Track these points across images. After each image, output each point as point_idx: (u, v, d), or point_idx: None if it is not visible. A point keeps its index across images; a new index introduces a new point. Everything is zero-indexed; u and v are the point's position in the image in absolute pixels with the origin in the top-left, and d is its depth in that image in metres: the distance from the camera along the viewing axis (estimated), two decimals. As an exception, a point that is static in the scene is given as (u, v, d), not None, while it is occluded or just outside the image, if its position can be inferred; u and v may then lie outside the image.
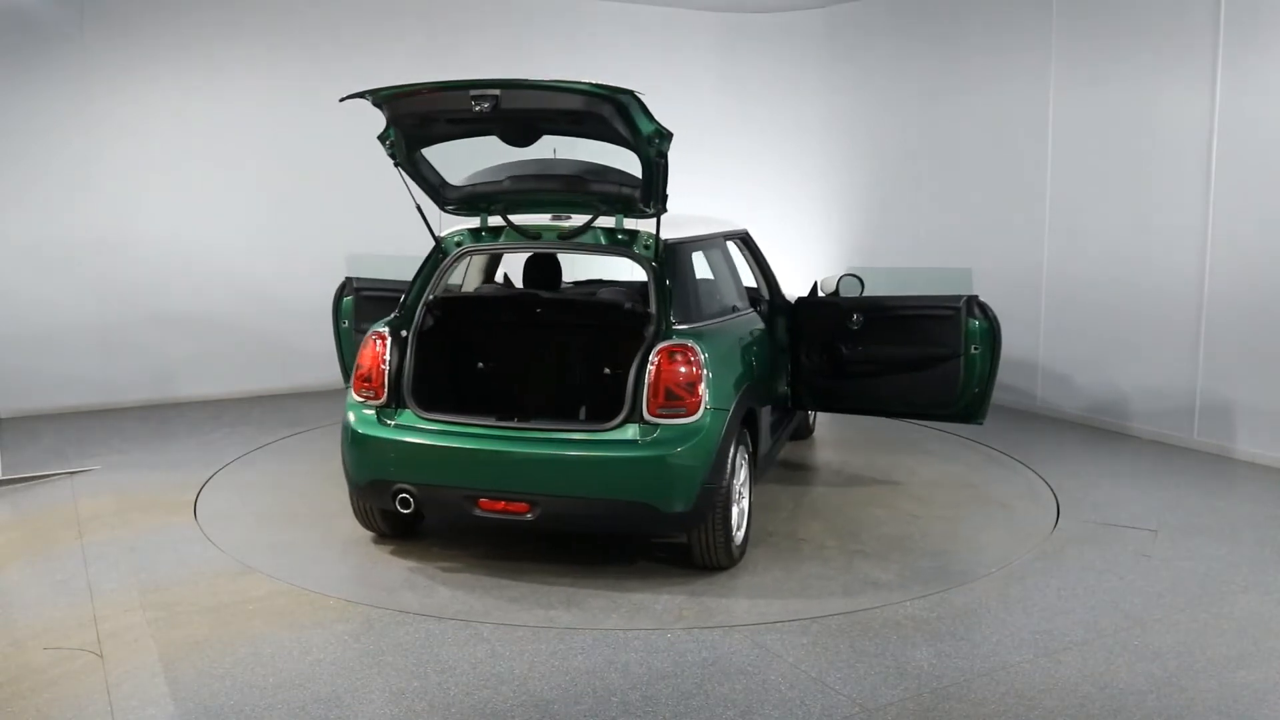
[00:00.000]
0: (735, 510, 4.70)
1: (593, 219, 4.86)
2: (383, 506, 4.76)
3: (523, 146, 4.74)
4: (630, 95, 4.12)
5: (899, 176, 9.22)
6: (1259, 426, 6.54)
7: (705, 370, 4.46)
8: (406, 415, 4.69)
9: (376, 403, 4.74)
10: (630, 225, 4.86)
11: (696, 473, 4.39)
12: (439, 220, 5.20)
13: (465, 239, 5.11)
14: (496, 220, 5.06)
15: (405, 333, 4.89)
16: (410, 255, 5.47)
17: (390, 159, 4.84)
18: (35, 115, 7.55)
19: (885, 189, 9.38)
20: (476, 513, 4.51)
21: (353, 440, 4.72)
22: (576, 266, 7.35)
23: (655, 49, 9.87)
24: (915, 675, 3.72)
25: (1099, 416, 7.56)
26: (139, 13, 7.81)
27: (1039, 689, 3.62)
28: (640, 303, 5.13)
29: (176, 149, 8.07)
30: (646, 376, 4.43)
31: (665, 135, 4.32)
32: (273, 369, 8.52)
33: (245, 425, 7.48)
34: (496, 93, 4.21)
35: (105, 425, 7.47)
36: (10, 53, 7.41)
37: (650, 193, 4.57)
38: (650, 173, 4.49)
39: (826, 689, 3.61)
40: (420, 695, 3.56)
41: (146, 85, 7.93)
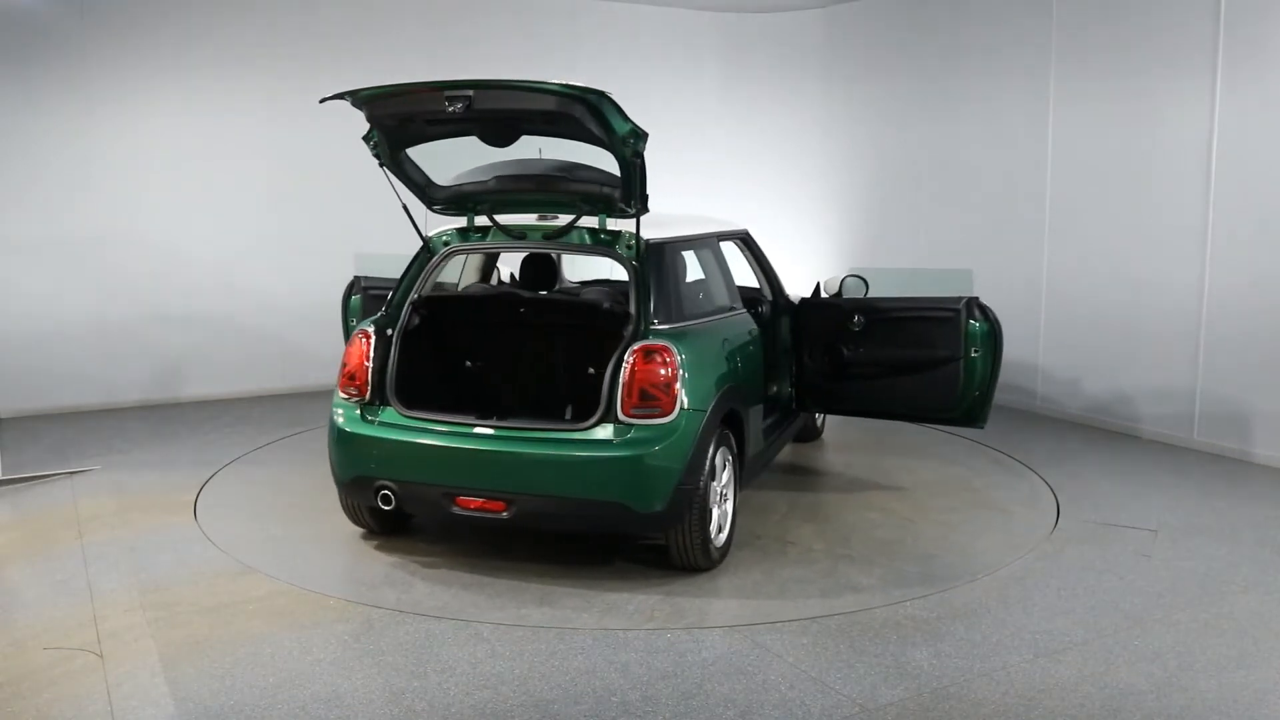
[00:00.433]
0: (716, 512, 4.68)
1: (576, 219, 4.86)
2: (367, 503, 4.81)
3: (502, 147, 4.75)
4: (601, 95, 4.12)
5: (899, 176, 9.21)
6: (1259, 427, 6.54)
7: (681, 371, 4.44)
8: (389, 413, 4.73)
9: (360, 400, 4.79)
10: (616, 225, 4.85)
11: (671, 473, 4.37)
12: (425, 219, 5.23)
13: (453, 238, 5.13)
14: (483, 220, 5.08)
15: (391, 331, 4.93)
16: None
17: (375, 159, 4.89)
18: (35, 115, 7.55)
19: (885, 189, 9.37)
20: (455, 510, 4.54)
21: (338, 437, 4.79)
22: (577, 267, 7.35)
23: (655, 49, 9.87)
24: (915, 675, 3.72)
25: (1099, 416, 7.56)
26: (139, 12, 7.81)
27: (1039, 689, 3.62)
28: (623, 303, 5.12)
29: (176, 149, 8.07)
30: (621, 376, 4.42)
31: (641, 135, 4.31)
32: (273, 369, 8.52)
33: (245, 425, 7.48)
34: (470, 93, 4.23)
35: (105, 425, 7.47)
36: (10, 53, 7.42)
37: (630, 193, 4.56)
38: (628, 173, 4.47)
39: (826, 689, 3.61)
40: (420, 695, 3.56)
41: (147, 84, 7.92)
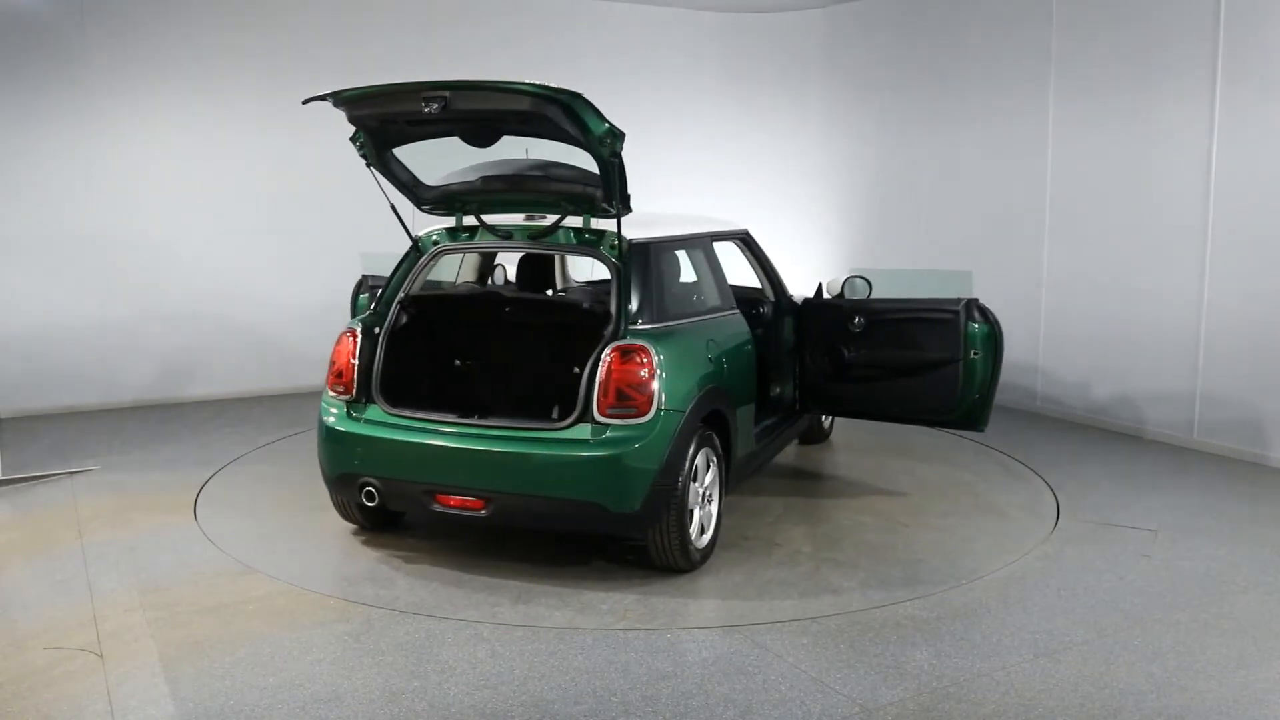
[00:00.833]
0: (699, 513, 4.67)
1: (560, 219, 4.87)
2: (353, 500, 4.86)
3: (483, 147, 4.77)
4: (574, 95, 4.14)
5: (899, 176, 9.21)
6: (1259, 427, 6.54)
7: (659, 371, 4.43)
8: (374, 410, 4.78)
9: (346, 398, 4.84)
10: (601, 225, 4.85)
11: (646, 474, 4.37)
12: (413, 218, 5.25)
13: (442, 238, 5.15)
14: (472, 219, 5.10)
15: (378, 330, 4.96)
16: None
17: (362, 159, 4.92)
18: (35, 115, 7.55)
19: (885, 189, 9.37)
20: (435, 508, 4.59)
21: (325, 435, 4.85)
22: (580, 267, 7.34)
23: (655, 49, 9.87)
24: (915, 675, 3.72)
25: (1100, 417, 7.56)
26: (139, 13, 7.81)
27: (1039, 689, 3.62)
28: (607, 303, 5.12)
29: (176, 148, 8.06)
30: (598, 376, 4.43)
31: (618, 135, 4.31)
32: (273, 369, 8.52)
33: (245, 425, 7.48)
34: (446, 94, 4.25)
35: (105, 425, 7.47)
36: (10, 52, 7.41)
37: (610, 193, 4.56)
38: (607, 173, 4.47)
39: (826, 689, 3.61)
40: (420, 695, 3.56)
41: (147, 84, 7.92)
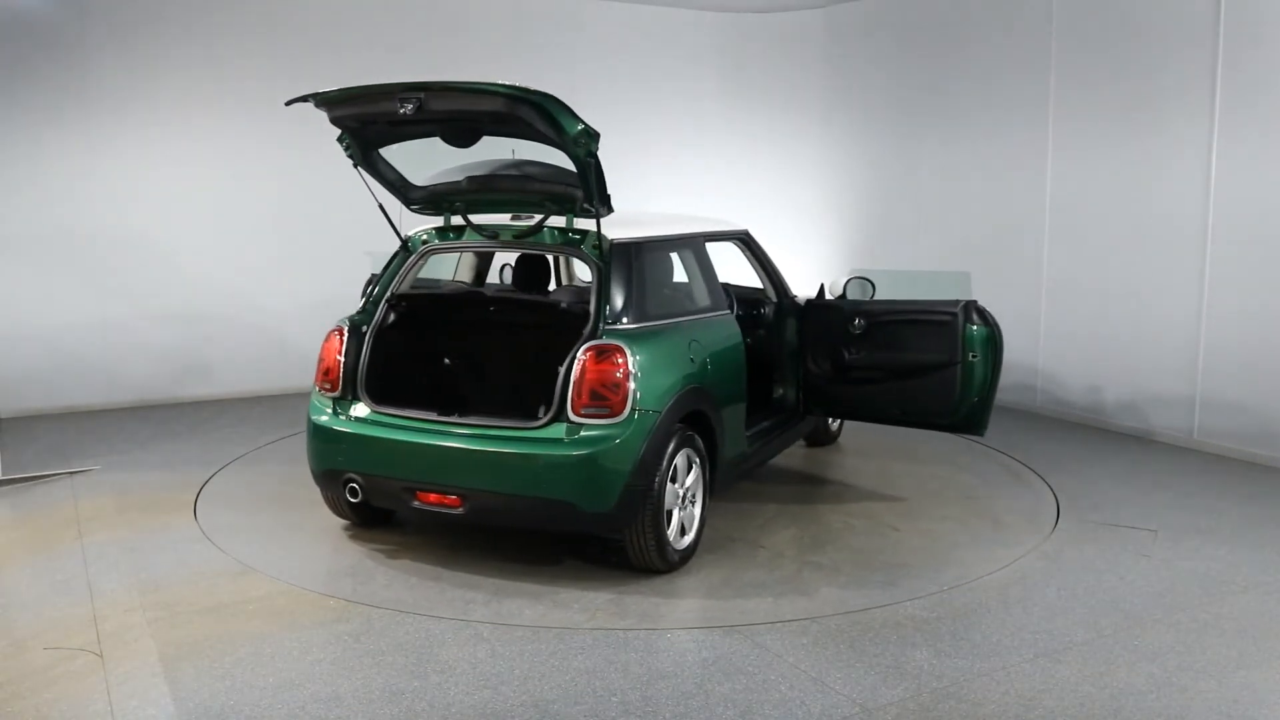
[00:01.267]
0: (679, 514, 4.67)
1: (544, 219, 4.88)
2: (339, 495, 4.92)
3: (464, 147, 4.80)
4: (546, 96, 4.15)
5: (899, 178, 9.21)
6: (1259, 427, 6.54)
7: (635, 371, 4.43)
8: (358, 407, 4.84)
9: (333, 395, 4.90)
10: (586, 225, 4.85)
11: (619, 474, 4.37)
12: (400, 217, 5.27)
13: (431, 238, 5.18)
14: (459, 219, 5.12)
15: (365, 328, 5.00)
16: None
17: (350, 160, 4.95)
18: (35, 114, 7.54)
19: (885, 190, 9.37)
20: (414, 504, 4.65)
21: (312, 431, 4.92)
22: (583, 267, 7.34)
23: (655, 49, 9.86)
24: (915, 675, 3.72)
25: (1100, 417, 7.56)
26: (139, 13, 7.81)
27: (1039, 689, 3.62)
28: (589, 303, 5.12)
29: (176, 148, 8.06)
30: (573, 375, 4.44)
31: (592, 135, 4.32)
32: (273, 369, 8.51)
33: (245, 425, 7.48)
34: (421, 95, 4.28)
35: (105, 425, 7.46)
36: (11, 52, 7.41)
37: (589, 193, 4.57)
38: (584, 173, 4.48)
39: (826, 689, 3.61)
40: (420, 695, 3.56)
41: (147, 84, 7.91)
